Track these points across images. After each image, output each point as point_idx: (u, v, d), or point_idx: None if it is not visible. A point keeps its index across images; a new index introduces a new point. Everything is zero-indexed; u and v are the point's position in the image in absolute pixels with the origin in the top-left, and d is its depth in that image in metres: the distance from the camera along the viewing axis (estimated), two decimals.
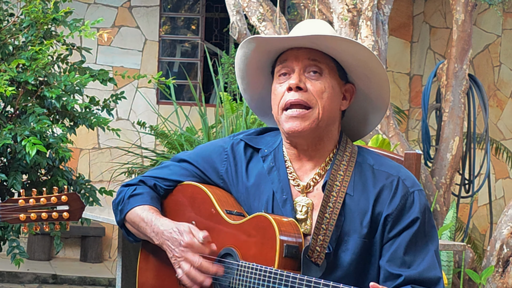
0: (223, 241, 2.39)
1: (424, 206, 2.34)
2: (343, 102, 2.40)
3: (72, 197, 2.56)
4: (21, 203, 2.52)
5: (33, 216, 2.53)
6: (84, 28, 4.62)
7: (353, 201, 2.34)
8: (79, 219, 2.60)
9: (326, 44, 2.32)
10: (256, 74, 2.47)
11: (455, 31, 6.42)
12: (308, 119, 2.32)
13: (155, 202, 2.51)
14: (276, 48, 2.39)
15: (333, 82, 2.36)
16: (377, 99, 2.42)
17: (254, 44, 2.39)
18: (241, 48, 2.42)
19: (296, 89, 2.33)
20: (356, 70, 2.38)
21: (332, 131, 2.40)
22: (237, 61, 2.46)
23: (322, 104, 2.33)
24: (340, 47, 2.32)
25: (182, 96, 9.71)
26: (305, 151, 2.40)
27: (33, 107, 4.58)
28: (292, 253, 2.27)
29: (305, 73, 2.35)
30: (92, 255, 9.02)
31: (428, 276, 2.29)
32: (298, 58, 2.35)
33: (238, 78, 2.49)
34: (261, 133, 2.53)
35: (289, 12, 9.62)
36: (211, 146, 2.56)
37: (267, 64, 2.44)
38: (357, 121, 2.48)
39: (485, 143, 6.69)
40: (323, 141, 2.39)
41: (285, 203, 2.38)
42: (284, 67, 2.37)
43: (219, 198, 2.45)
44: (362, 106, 2.45)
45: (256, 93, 2.51)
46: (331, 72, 2.36)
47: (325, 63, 2.35)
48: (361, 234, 2.32)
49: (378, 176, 2.36)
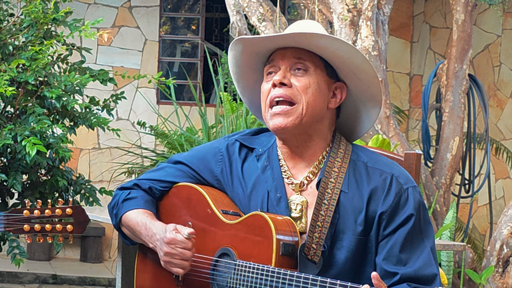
0: (220, 241, 2.39)
1: (419, 202, 2.35)
2: (332, 100, 2.41)
3: (77, 210, 2.58)
4: (25, 214, 2.54)
5: (37, 227, 2.54)
6: (84, 28, 4.62)
7: (347, 198, 2.35)
8: (82, 232, 2.61)
9: (308, 42, 2.34)
10: (250, 77, 2.49)
11: (455, 31, 6.42)
12: (292, 115, 2.34)
13: (149, 206, 2.52)
14: (264, 49, 2.41)
15: (319, 79, 2.37)
16: (368, 98, 2.43)
17: (241, 46, 2.42)
18: (230, 50, 2.45)
19: (280, 85, 2.35)
20: (343, 67, 2.39)
21: (322, 129, 2.41)
22: (229, 65, 2.49)
23: (306, 99, 2.34)
24: (322, 44, 2.34)
25: (182, 96, 9.71)
26: (296, 147, 2.40)
27: (33, 107, 4.58)
28: (288, 251, 2.28)
29: (291, 71, 2.37)
30: (92, 255, 9.02)
31: (424, 273, 2.29)
32: (284, 57, 2.38)
33: (234, 81, 2.52)
34: (256, 133, 2.55)
35: (289, 12, 9.62)
36: (206, 147, 2.57)
37: (259, 66, 2.46)
38: (351, 121, 2.49)
39: (485, 143, 6.69)
40: (312, 139, 2.40)
41: (279, 201, 2.39)
42: (271, 67, 2.40)
43: (214, 198, 2.45)
44: (354, 106, 2.46)
45: (253, 95, 2.52)
46: (317, 70, 2.37)
47: (311, 61, 2.37)
48: (356, 232, 2.33)
49: (372, 173, 2.37)
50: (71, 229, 2.57)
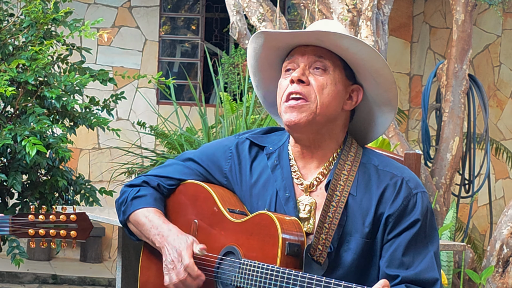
0: (225, 239, 2.39)
1: (427, 208, 2.34)
2: (348, 102, 2.40)
3: (81, 216, 2.62)
4: (30, 218, 2.58)
5: (42, 232, 2.58)
6: (84, 28, 4.62)
7: (355, 201, 2.34)
8: (86, 239, 2.64)
9: (331, 41, 2.33)
10: (268, 71, 2.48)
11: (455, 31, 6.42)
12: (305, 111, 2.33)
13: (158, 204, 2.52)
14: (285, 45, 2.40)
15: (337, 79, 2.36)
16: (384, 102, 2.41)
17: (263, 39, 2.41)
18: (250, 43, 2.44)
19: (298, 82, 2.34)
20: (362, 70, 2.38)
21: (334, 130, 2.40)
22: (248, 57, 2.48)
23: (321, 99, 2.33)
24: (345, 45, 2.33)
25: (182, 96, 9.71)
26: (308, 147, 2.40)
27: (33, 107, 4.59)
28: (294, 251, 2.27)
29: (309, 69, 2.36)
30: (92, 255, 9.02)
31: (425, 277, 2.28)
32: (304, 54, 2.37)
33: (251, 74, 2.50)
34: (267, 132, 2.54)
35: (289, 12, 9.62)
36: (216, 144, 2.57)
37: (277, 62, 2.46)
38: (365, 124, 2.48)
39: (485, 143, 6.69)
40: (324, 139, 2.39)
41: (287, 201, 2.38)
42: (290, 63, 2.39)
43: (221, 196, 2.45)
44: (369, 109, 2.45)
45: (269, 91, 2.52)
46: (336, 70, 2.36)
47: (331, 61, 2.36)
48: (363, 234, 2.33)
49: (382, 176, 2.36)
50: (75, 235, 2.61)
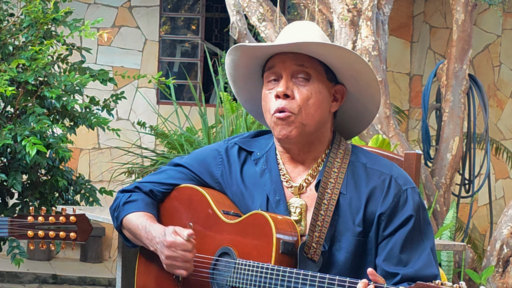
0: (220, 240, 2.40)
1: (418, 203, 2.36)
2: (333, 104, 2.42)
3: (81, 218, 2.62)
4: (30, 220, 2.58)
5: (41, 233, 2.58)
6: (84, 28, 4.62)
7: (345, 200, 2.36)
8: (85, 241, 2.64)
9: (311, 49, 2.35)
10: (247, 78, 2.50)
11: (455, 31, 6.42)
12: (293, 122, 2.34)
13: (149, 208, 2.53)
14: (263, 54, 2.41)
15: (320, 86, 2.37)
16: (367, 99, 2.44)
17: (240, 52, 2.42)
18: (229, 55, 2.46)
19: (283, 97, 2.35)
20: (343, 71, 2.40)
21: (323, 133, 2.42)
22: (227, 68, 2.49)
23: (306, 110, 2.35)
24: (325, 52, 2.35)
25: (182, 96, 9.71)
26: (297, 155, 2.42)
27: (33, 107, 4.59)
28: (288, 249, 2.29)
29: (292, 79, 2.37)
30: (92, 255, 9.02)
31: (424, 274, 2.30)
32: (285, 63, 2.37)
33: (230, 82, 2.53)
34: (256, 136, 2.55)
35: (289, 12, 9.62)
36: (206, 150, 2.58)
37: (256, 69, 2.47)
38: (350, 120, 2.50)
39: (485, 143, 6.69)
40: (314, 145, 2.41)
41: (278, 204, 2.40)
42: (272, 73, 2.40)
43: (216, 199, 2.46)
44: (353, 106, 2.47)
45: (249, 97, 2.54)
46: (318, 76, 2.38)
47: (312, 68, 2.37)
48: (355, 233, 2.34)
49: (371, 174, 2.38)
50: (74, 236, 2.61)
